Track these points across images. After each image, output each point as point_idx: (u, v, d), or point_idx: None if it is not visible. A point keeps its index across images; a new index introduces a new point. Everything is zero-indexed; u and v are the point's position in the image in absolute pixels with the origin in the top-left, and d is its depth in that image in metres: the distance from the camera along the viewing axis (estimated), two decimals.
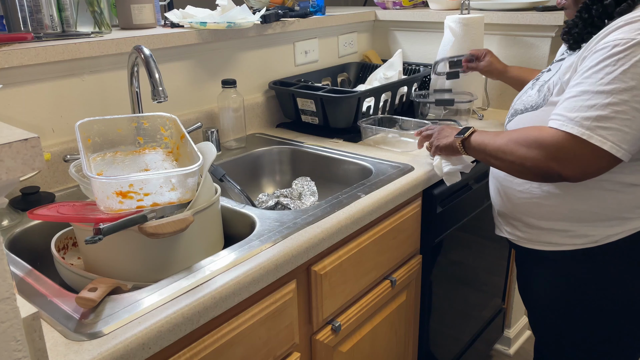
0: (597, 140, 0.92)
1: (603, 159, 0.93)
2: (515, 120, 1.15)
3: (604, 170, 0.97)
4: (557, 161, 0.96)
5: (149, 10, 1.53)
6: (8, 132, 0.53)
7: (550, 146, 0.96)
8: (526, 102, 1.13)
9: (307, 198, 1.39)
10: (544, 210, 1.11)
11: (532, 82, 1.21)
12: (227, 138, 1.58)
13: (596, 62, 0.94)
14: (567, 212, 1.08)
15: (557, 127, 0.96)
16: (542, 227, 1.12)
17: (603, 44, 0.94)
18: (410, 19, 2.07)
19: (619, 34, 0.93)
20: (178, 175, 0.91)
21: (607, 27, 0.96)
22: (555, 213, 1.09)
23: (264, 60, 1.76)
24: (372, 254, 1.21)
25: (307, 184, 1.43)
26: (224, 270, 0.90)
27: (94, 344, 0.73)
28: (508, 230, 1.23)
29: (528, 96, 1.14)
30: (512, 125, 1.15)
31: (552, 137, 0.96)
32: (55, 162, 1.26)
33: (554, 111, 0.99)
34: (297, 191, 1.41)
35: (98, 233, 0.83)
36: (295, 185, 1.43)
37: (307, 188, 1.41)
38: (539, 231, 1.13)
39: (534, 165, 0.99)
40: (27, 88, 1.23)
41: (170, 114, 1.12)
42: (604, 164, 0.95)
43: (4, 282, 0.53)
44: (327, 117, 1.61)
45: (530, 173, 1.02)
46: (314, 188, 1.42)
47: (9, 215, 1.10)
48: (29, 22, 1.32)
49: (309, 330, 1.11)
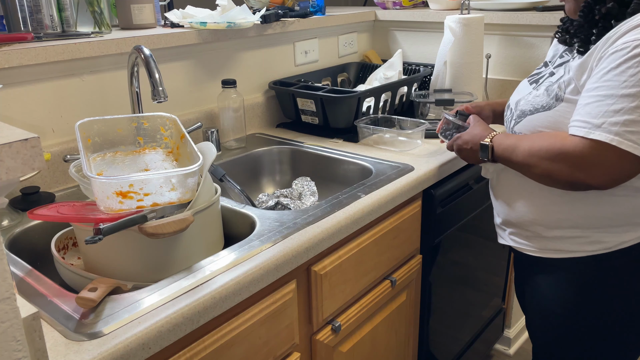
0: (628, 145, 0.87)
1: (633, 164, 0.89)
2: (524, 122, 1.09)
3: (634, 176, 0.93)
4: (584, 171, 0.92)
5: (149, 10, 1.53)
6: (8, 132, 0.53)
7: (576, 157, 0.92)
8: (535, 103, 1.08)
9: (307, 198, 1.39)
10: (554, 217, 1.07)
11: (529, 81, 1.17)
12: (227, 138, 1.58)
13: (616, 63, 0.89)
14: (578, 219, 1.04)
15: (582, 135, 0.91)
16: (552, 236, 1.09)
17: (622, 45, 0.89)
18: (410, 19, 2.07)
19: (637, 34, 0.88)
20: (178, 175, 0.91)
21: (620, 26, 0.92)
22: (566, 220, 1.06)
23: (264, 60, 1.76)
24: (372, 254, 1.21)
25: (307, 184, 1.43)
26: (224, 270, 0.90)
27: (94, 344, 0.73)
28: (514, 239, 1.18)
29: (535, 96, 1.09)
30: (522, 127, 1.10)
31: (577, 146, 0.92)
32: (55, 162, 1.26)
33: (574, 117, 0.95)
34: (297, 191, 1.41)
35: (98, 233, 0.83)
36: (295, 185, 1.43)
37: (307, 188, 1.41)
38: (548, 240, 1.10)
39: (560, 178, 0.96)
40: (27, 88, 1.23)
41: (171, 113, 1.12)
42: (635, 169, 0.91)
43: (4, 282, 0.53)
44: (327, 117, 1.61)
45: (557, 184, 1.00)
46: (314, 188, 1.42)
47: (9, 215, 1.10)
48: (29, 22, 1.32)
49: (309, 330, 1.11)
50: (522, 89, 1.18)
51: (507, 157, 1.08)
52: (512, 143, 1.06)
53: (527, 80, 1.19)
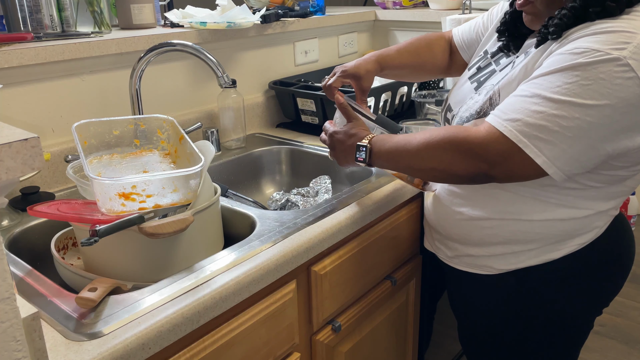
0: (532, 151, 0.83)
1: (531, 169, 0.85)
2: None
3: (532, 179, 0.89)
4: (487, 162, 0.87)
5: (148, 10, 1.53)
6: (8, 132, 0.53)
7: (482, 146, 0.87)
8: (472, 109, 1.01)
9: (321, 196, 1.39)
10: (484, 233, 1.03)
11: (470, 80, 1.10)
12: (227, 138, 1.58)
13: (559, 66, 0.83)
14: (508, 234, 1.01)
15: (494, 125, 0.86)
16: (480, 254, 1.06)
17: (573, 48, 0.82)
18: (410, 19, 2.07)
19: (593, 43, 0.81)
20: (180, 177, 0.91)
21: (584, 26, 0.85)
22: (496, 236, 1.02)
23: (264, 60, 1.76)
24: (373, 254, 1.21)
25: (324, 181, 1.41)
26: (224, 270, 0.90)
27: (94, 344, 0.73)
28: (441, 249, 1.16)
29: (475, 102, 1.01)
30: None
31: (486, 135, 0.86)
32: (55, 162, 1.26)
33: (498, 105, 0.90)
34: (315, 189, 1.41)
35: (94, 235, 0.82)
36: (313, 183, 1.43)
37: (323, 186, 1.41)
38: (475, 257, 1.07)
39: (462, 169, 0.89)
40: (27, 88, 1.23)
41: (171, 113, 1.13)
42: (532, 174, 0.86)
43: (4, 282, 0.53)
44: (327, 117, 1.61)
45: (456, 177, 0.93)
46: (329, 186, 1.40)
47: (9, 215, 1.10)
48: (28, 22, 1.32)
49: (309, 330, 1.11)
50: (465, 90, 1.10)
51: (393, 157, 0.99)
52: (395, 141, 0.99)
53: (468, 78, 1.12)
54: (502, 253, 1.04)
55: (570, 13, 0.87)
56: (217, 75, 1.23)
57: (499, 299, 1.08)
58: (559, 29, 0.88)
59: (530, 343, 1.08)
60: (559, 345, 1.09)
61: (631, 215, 2.79)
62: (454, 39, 1.28)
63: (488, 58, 1.10)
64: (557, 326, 1.06)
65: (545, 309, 1.05)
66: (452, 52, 1.29)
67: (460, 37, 1.27)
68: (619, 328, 2.21)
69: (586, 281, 1.03)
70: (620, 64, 0.78)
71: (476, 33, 1.23)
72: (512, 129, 0.84)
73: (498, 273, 1.05)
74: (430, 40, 1.28)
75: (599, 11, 0.84)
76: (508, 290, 1.06)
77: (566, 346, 1.10)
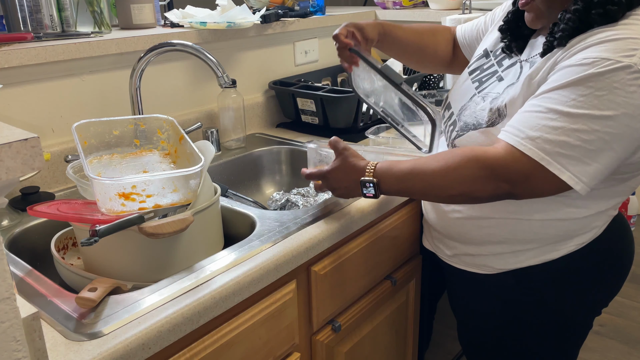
0: (556, 168, 0.82)
1: (554, 185, 0.84)
2: (466, 137, 1.00)
3: (554, 194, 0.89)
4: (509, 182, 0.86)
5: (148, 10, 1.53)
6: (8, 132, 0.53)
7: (503, 166, 0.85)
8: (480, 118, 0.99)
9: (321, 196, 1.39)
10: (483, 232, 1.03)
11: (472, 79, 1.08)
12: (227, 138, 1.58)
13: (570, 78, 0.82)
14: (507, 233, 1.01)
15: (512, 144, 0.85)
16: (479, 253, 1.06)
17: (582, 59, 0.82)
18: (410, 19, 2.07)
19: (602, 52, 0.80)
20: (180, 177, 0.91)
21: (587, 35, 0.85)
22: (495, 235, 1.02)
23: (264, 60, 1.76)
24: (373, 254, 1.21)
25: None
26: (224, 270, 0.90)
27: (94, 344, 0.73)
28: (440, 247, 1.16)
29: (481, 110, 1.00)
30: (464, 141, 1.01)
31: (505, 155, 0.85)
32: (55, 162, 1.26)
33: (510, 122, 0.88)
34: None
35: (94, 235, 0.82)
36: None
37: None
38: (474, 256, 1.07)
39: (483, 190, 0.88)
40: (27, 88, 1.23)
41: (171, 113, 1.13)
42: (555, 190, 0.86)
43: (4, 282, 0.53)
44: (327, 117, 1.61)
45: (477, 199, 0.91)
46: None
47: (9, 215, 1.10)
48: (28, 22, 1.32)
49: (309, 330, 1.11)
50: (465, 89, 1.09)
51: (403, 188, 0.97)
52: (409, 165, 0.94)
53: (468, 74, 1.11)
54: (501, 252, 1.04)
55: (575, 16, 0.86)
56: (217, 75, 1.23)
57: (498, 298, 1.08)
58: (565, 34, 0.87)
59: (529, 343, 1.09)
60: (558, 345, 1.09)
61: (631, 215, 2.79)
62: (457, 36, 1.29)
63: (490, 58, 1.10)
64: (556, 326, 1.06)
65: (544, 309, 1.05)
66: (455, 47, 1.30)
67: (463, 35, 1.27)
68: (619, 328, 2.21)
69: (585, 281, 1.03)
70: (632, 71, 0.79)
71: (478, 32, 1.23)
72: (532, 147, 0.83)
73: (497, 272, 1.06)
74: (435, 29, 1.29)
75: (601, 13, 0.84)
76: (507, 289, 1.06)
77: (565, 346, 1.10)
